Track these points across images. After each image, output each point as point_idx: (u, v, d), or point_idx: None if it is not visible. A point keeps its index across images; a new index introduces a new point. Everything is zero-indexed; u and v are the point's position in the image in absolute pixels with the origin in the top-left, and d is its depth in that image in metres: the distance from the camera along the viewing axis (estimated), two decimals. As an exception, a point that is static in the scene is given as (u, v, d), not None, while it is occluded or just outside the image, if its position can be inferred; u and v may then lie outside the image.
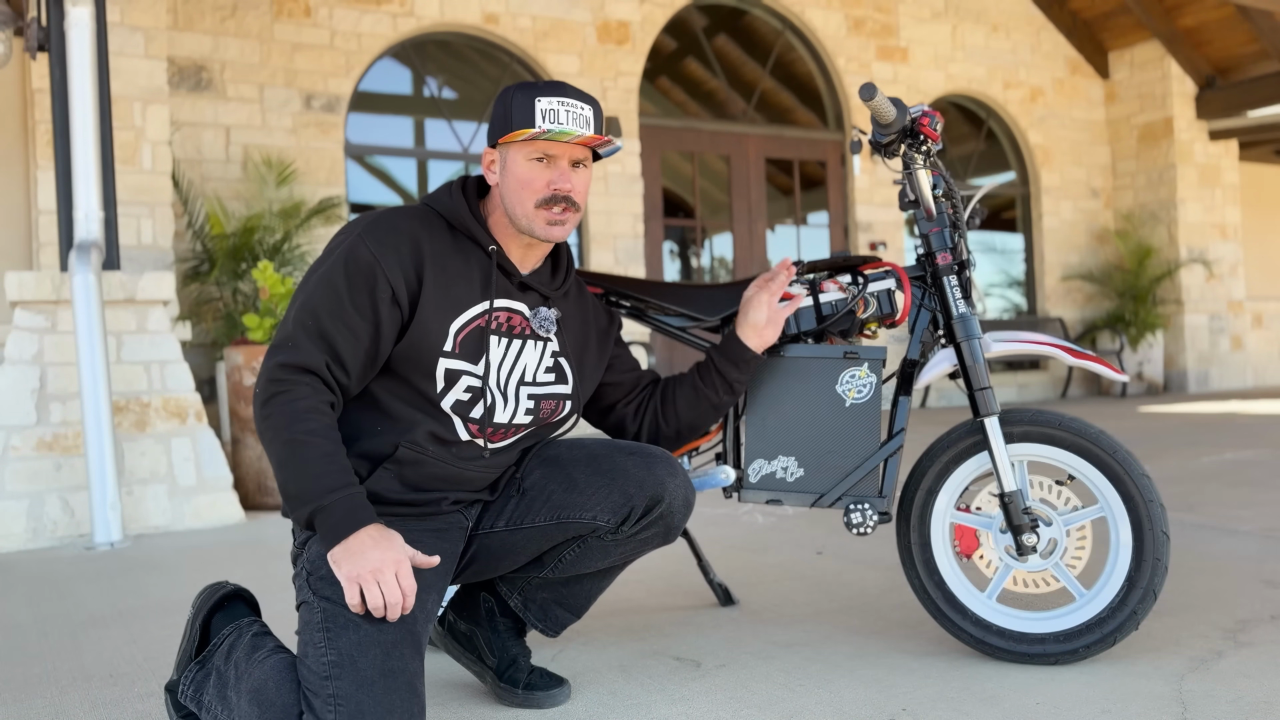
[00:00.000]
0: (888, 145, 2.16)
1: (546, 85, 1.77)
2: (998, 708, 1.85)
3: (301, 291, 1.73)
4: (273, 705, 1.56)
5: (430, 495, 1.81)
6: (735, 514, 4.10)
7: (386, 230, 1.74)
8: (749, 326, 2.06)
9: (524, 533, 1.89)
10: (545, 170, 1.77)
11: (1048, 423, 2.07)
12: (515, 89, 1.77)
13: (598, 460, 1.87)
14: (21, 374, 4.15)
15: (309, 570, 1.72)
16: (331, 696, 1.52)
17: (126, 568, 3.49)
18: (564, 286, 1.92)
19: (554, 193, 1.76)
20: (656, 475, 1.84)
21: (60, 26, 4.31)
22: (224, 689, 1.66)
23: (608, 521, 1.84)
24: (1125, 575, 2.02)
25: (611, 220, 8.39)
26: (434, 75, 7.98)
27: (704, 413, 2.06)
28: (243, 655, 1.67)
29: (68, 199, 4.30)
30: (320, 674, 1.54)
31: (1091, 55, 10.93)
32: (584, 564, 1.93)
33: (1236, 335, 11.08)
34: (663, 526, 1.88)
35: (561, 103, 1.76)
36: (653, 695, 1.98)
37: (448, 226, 1.81)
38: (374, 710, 1.51)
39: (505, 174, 1.79)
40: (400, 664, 1.57)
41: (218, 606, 1.81)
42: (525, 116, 1.74)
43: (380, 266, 1.70)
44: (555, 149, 1.76)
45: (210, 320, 6.72)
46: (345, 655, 1.55)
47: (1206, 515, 3.67)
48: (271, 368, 1.67)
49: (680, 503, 1.87)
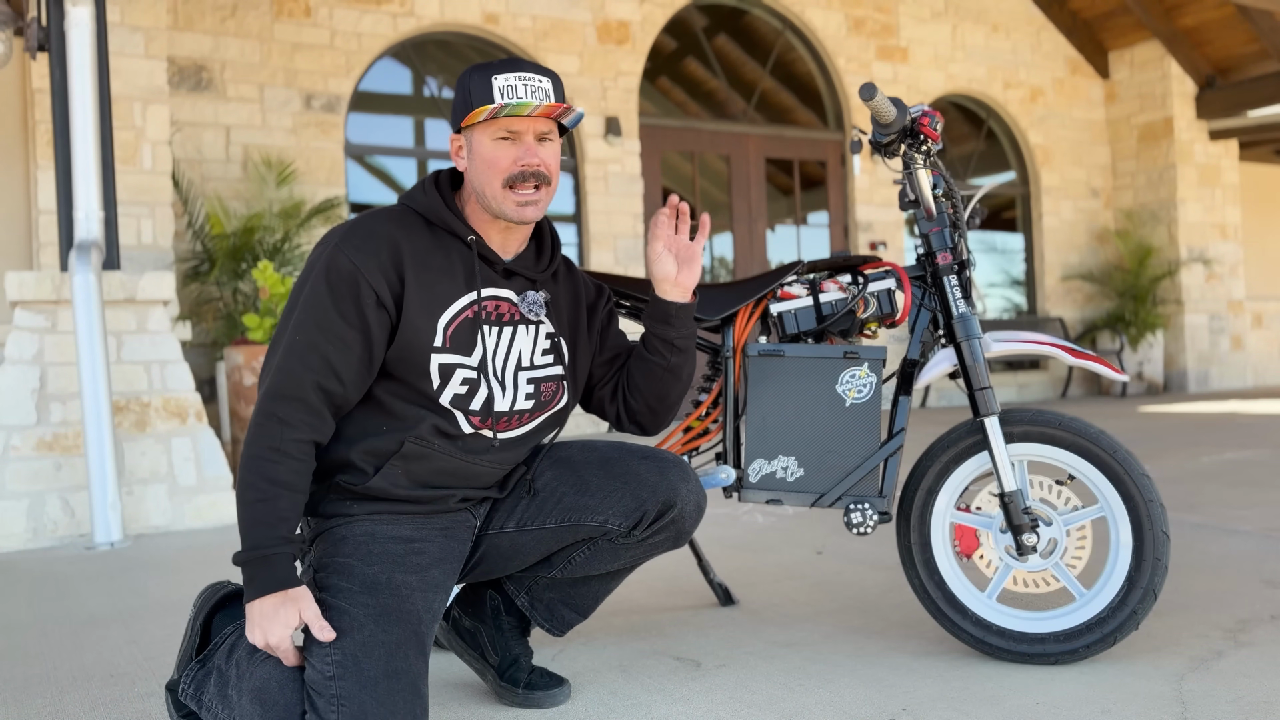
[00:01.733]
0: (888, 145, 2.16)
1: (501, 63, 1.76)
2: (998, 708, 1.85)
3: (289, 311, 1.73)
4: (275, 705, 1.56)
5: (438, 491, 1.80)
6: (735, 514, 4.10)
7: (363, 236, 1.73)
8: (661, 282, 1.89)
9: (534, 534, 1.89)
10: (511, 148, 1.75)
11: (1048, 422, 2.07)
12: (471, 70, 1.77)
13: (610, 463, 1.87)
14: (22, 374, 4.15)
15: (315, 567, 1.73)
16: (335, 697, 1.52)
17: (126, 568, 3.49)
18: (551, 267, 1.90)
19: (522, 169, 1.74)
20: (669, 480, 1.84)
21: (60, 26, 4.31)
22: (225, 688, 1.66)
23: (619, 525, 1.84)
24: (1125, 575, 2.02)
25: (611, 220, 8.39)
26: (434, 75, 7.98)
27: (661, 379, 1.94)
28: (244, 654, 1.67)
29: (68, 199, 4.30)
30: (324, 674, 1.55)
31: (1091, 55, 10.93)
32: (593, 566, 1.93)
33: (1236, 335, 11.08)
34: (674, 531, 1.88)
35: (518, 77, 1.75)
36: (653, 695, 1.98)
37: (425, 223, 1.80)
38: (377, 711, 1.52)
39: (472, 157, 1.78)
40: (404, 665, 1.58)
41: (219, 606, 1.81)
42: (483, 95, 1.73)
43: (361, 273, 1.70)
44: (518, 124, 1.75)
45: (210, 320, 6.72)
46: (349, 655, 1.56)
47: (1206, 515, 3.67)
48: (260, 399, 1.69)
49: (692, 508, 1.87)
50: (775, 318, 2.26)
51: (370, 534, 1.74)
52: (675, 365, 1.93)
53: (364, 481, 1.75)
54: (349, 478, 1.76)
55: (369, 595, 1.65)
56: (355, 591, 1.65)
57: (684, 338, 1.93)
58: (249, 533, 1.62)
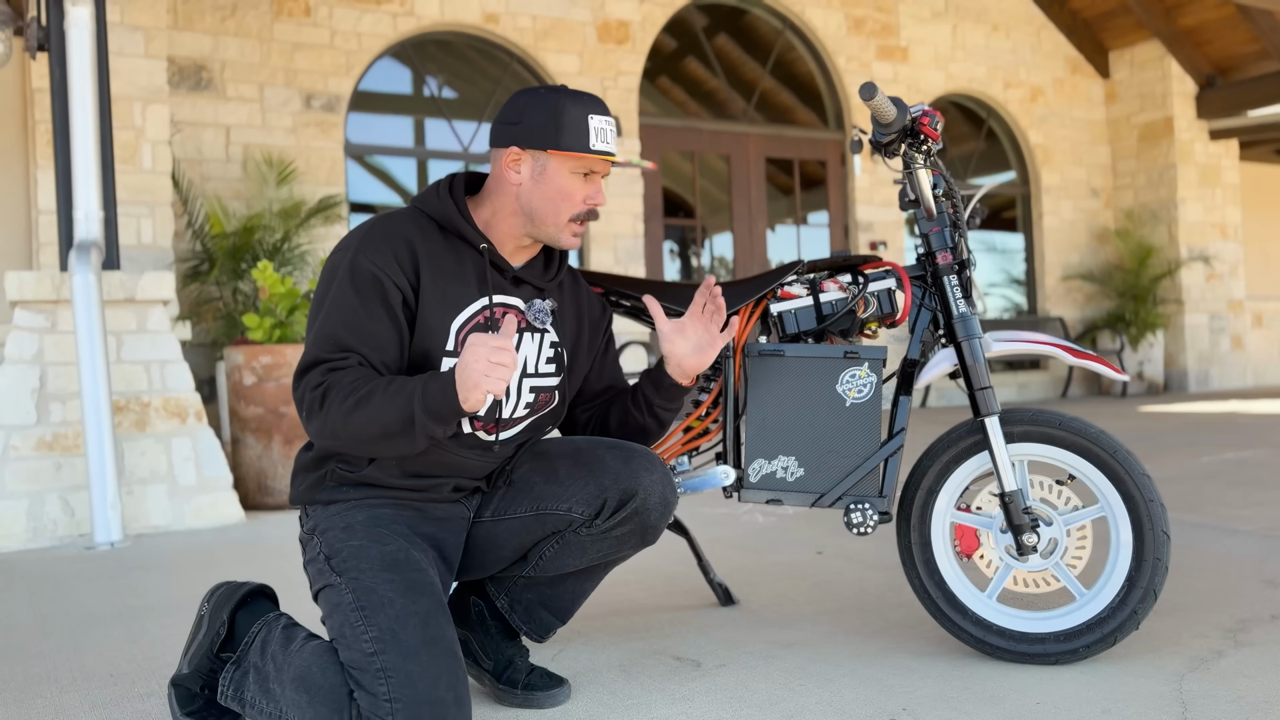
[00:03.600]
0: (888, 145, 2.16)
1: (591, 99, 1.81)
2: (998, 707, 1.85)
3: (314, 320, 1.74)
4: (320, 689, 1.60)
5: (432, 481, 1.83)
6: (735, 514, 4.10)
7: (380, 239, 1.76)
8: (667, 358, 1.93)
9: (507, 524, 1.90)
10: (584, 185, 1.82)
11: (1048, 422, 2.07)
12: (563, 98, 1.78)
13: (580, 453, 1.88)
14: (21, 374, 4.15)
15: (326, 554, 1.75)
16: (380, 670, 1.57)
17: (126, 568, 3.49)
18: (557, 277, 1.94)
19: (589, 208, 1.83)
20: (632, 469, 1.82)
21: (60, 26, 4.31)
22: (266, 683, 1.69)
23: (581, 514, 1.84)
24: (1126, 575, 2.02)
25: (611, 220, 8.39)
26: (434, 75, 7.98)
27: (631, 433, 2.01)
28: (278, 648, 1.71)
29: (68, 199, 4.30)
30: (365, 651, 1.59)
31: (1092, 55, 10.93)
32: (563, 561, 1.92)
33: (1237, 335, 11.08)
34: (638, 523, 1.84)
35: (606, 122, 1.82)
36: (653, 695, 1.98)
37: (438, 228, 1.83)
38: (423, 677, 1.57)
39: (541, 181, 1.80)
40: (438, 631, 1.63)
41: (241, 604, 1.84)
42: (579, 134, 1.77)
43: (385, 273, 1.73)
44: (600, 167, 1.82)
45: (210, 320, 6.72)
46: (386, 630, 1.60)
47: (1207, 515, 3.66)
48: (305, 382, 1.70)
49: (656, 499, 1.83)
50: (775, 317, 2.25)
51: (374, 517, 1.78)
52: (649, 426, 2.01)
53: (359, 470, 1.79)
54: (344, 465, 1.79)
55: (391, 572, 1.68)
56: (377, 570, 1.68)
57: (666, 410, 2.00)
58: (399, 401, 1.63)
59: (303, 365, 1.72)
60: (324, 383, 1.67)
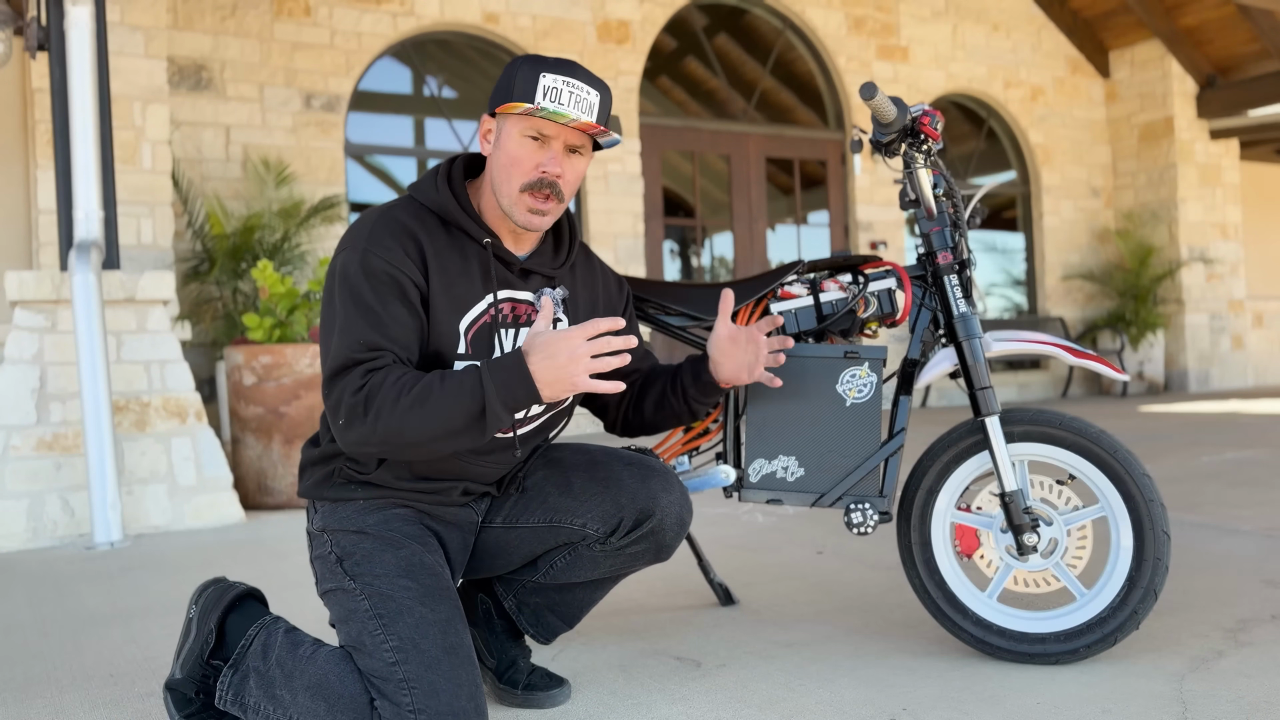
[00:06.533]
0: (888, 144, 2.16)
1: (557, 61, 1.69)
2: (998, 707, 1.84)
3: (330, 324, 1.67)
4: (340, 698, 1.58)
5: (441, 484, 1.79)
6: (735, 514, 4.10)
7: (387, 235, 1.69)
8: (716, 361, 1.93)
9: (518, 532, 1.88)
10: (537, 151, 1.69)
11: (1048, 422, 2.07)
12: (524, 59, 1.70)
13: (596, 467, 1.84)
14: (21, 373, 4.15)
15: (339, 555, 1.71)
16: (403, 681, 1.56)
17: (126, 568, 3.49)
18: (569, 259, 1.87)
19: (540, 176, 1.68)
20: (650, 489, 1.79)
21: (60, 26, 4.31)
22: (271, 688, 1.65)
23: (596, 531, 1.82)
24: (1126, 575, 2.02)
25: (611, 219, 8.38)
26: (434, 74, 7.98)
27: (665, 419, 2.02)
28: (285, 653, 1.66)
29: (68, 198, 4.30)
30: (386, 661, 1.58)
31: (1092, 54, 10.93)
32: (574, 573, 1.91)
33: (1237, 335, 11.07)
34: (653, 543, 1.83)
35: (566, 82, 1.67)
36: (653, 695, 1.98)
37: (440, 221, 1.75)
38: (446, 687, 1.56)
39: (497, 147, 1.73)
40: (458, 639, 1.62)
41: (231, 607, 1.78)
42: (526, 89, 1.66)
43: (400, 270, 1.66)
44: (551, 129, 1.68)
45: (210, 320, 6.72)
46: (406, 640, 1.59)
47: (1207, 515, 3.66)
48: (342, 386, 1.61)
49: (673, 520, 1.82)
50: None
51: (386, 519, 1.74)
52: (681, 413, 2.01)
53: (368, 471, 1.75)
54: (353, 464, 1.76)
55: (408, 578, 1.66)
56: (393, 575, 1.66)
57: (700, 404, 1.99)
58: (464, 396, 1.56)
59: (333, 370, 1.63)
60: (365, 385, 1.59)
